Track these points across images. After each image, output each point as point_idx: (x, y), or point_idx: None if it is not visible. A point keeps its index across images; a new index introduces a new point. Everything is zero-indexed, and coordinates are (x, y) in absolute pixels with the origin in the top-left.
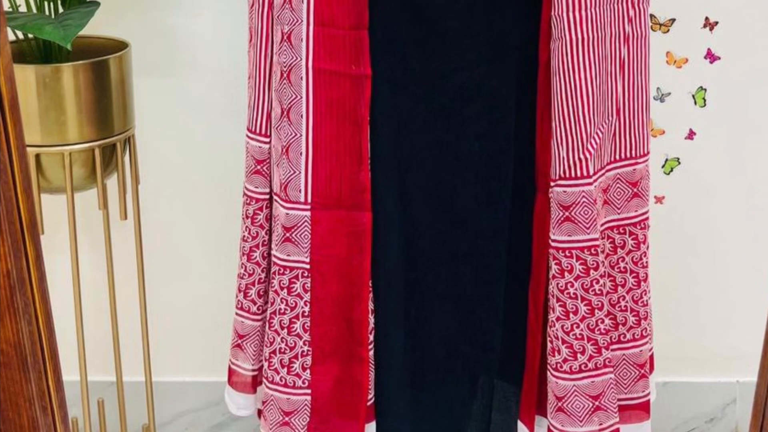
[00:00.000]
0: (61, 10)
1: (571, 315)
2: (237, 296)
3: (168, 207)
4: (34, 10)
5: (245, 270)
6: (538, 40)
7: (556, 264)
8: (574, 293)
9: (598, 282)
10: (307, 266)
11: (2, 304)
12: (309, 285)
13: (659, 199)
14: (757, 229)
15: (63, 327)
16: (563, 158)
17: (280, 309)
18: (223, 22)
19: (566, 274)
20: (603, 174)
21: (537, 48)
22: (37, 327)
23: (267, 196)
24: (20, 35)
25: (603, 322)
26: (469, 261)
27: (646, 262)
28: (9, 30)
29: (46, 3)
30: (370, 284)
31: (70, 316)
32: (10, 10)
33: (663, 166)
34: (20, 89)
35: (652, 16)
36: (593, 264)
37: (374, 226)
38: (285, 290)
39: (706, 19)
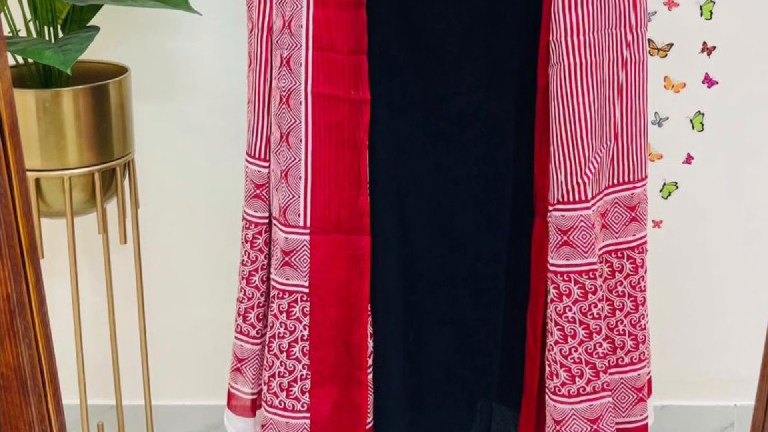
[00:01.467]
0: (61, 34)
1: (569, 339)
2: (236, 320)
3: (167, 231)
4: (34, 35)
5: (244, 294)
6: (536, 64)
7: (554, 288)
8: (572, 317)
9: (596, 306)
10: (306, 290)
11: (2, 328)
12: (308, 309)
13: (657, 224)
14: (754, 254)
15: (63, 350)
16: (561, 182)
17: (279, 333)
18: (223, 46)
19: (564, 298)
20: (601, 198)
21: (535, 72)
22: (37, 351)
23: (266, 221)
24: (20, 60)
25: (601, 345)
26: (468, 285)
27: (644, 286)
28: (9, 54)
29: (45, 28)
30: (369, 308)
31: (69, 339)
32: (10, 34)
33: (661, 191)
34: (20, 114)
35: (650, 40)
36: (591, 288)
37: (373, 250)
38: (284, 314)
39: (704, 44)
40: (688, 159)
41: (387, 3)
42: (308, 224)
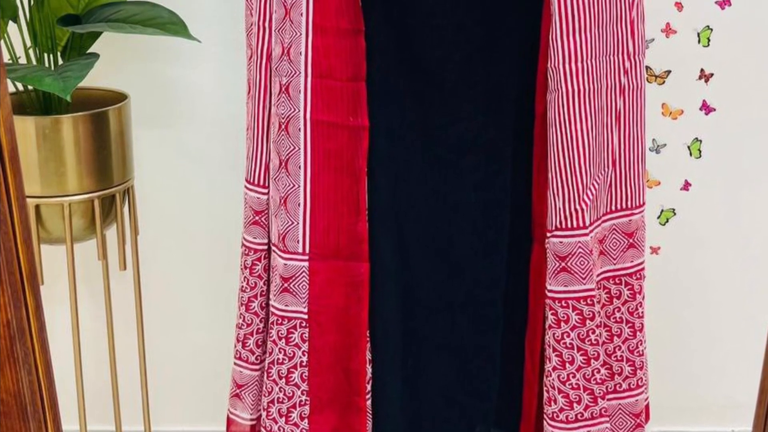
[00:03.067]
0: (60, 62)
1: (567, 365)
2: (235, 346)
3: (167, 257)
4: (34, 62)
5: (243, 320)
6: (534, 91)
7: (552, 314)
8: (570, 343)
9: (594, 332)
10: (305, 316)
11: (2, 354)
12: (307, 335)
13: (655, 250)
14: (751, 280)
15: (63, 376)
16: (559, 209)
17: (278, 359)
18: (222, 74)
19: (562, 324)
20: (599, 225)
21: (533, 99)
22: (37, 376)
23: (265, 247)
24: (20, 87)
25: (599, 371)
26: (466, 311)
27: (642, 312)
28: (9, 81)
29: (45, 55)
30: (368, 334)
31: (69, 365)
32: (10, 61)
33: (659, 217)
34: (20, 140)
35: (647, 67)
36: (589, 314)
37: (372, 277)
38: (283, 340)
39: (702, 71)
40: (686, 186)
41: (386, 31)
42: (307, 251)
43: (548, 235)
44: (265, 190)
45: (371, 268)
